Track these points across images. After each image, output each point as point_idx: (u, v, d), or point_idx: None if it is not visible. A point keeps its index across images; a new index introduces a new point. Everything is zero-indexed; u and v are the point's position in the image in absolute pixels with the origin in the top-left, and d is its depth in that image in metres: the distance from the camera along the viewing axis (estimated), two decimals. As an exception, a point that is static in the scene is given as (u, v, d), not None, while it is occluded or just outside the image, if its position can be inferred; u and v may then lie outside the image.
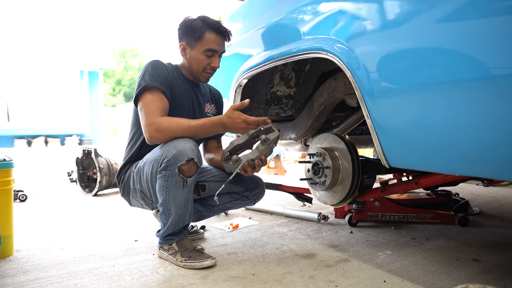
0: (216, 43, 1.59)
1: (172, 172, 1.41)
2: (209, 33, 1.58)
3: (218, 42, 1.59)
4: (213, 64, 1.61)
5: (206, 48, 1.58)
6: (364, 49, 1.21)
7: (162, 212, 1.50)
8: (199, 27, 1.57)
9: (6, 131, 12.79)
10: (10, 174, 1.64)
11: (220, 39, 1.60)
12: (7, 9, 12.94)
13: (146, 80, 1.51)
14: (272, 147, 1.47)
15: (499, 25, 0.87)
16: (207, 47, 1.58)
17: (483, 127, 0.92)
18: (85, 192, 3.35)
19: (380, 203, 2.09)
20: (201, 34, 1.57)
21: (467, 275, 1.39)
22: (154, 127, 1.44)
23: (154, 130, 1.44)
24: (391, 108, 1.16)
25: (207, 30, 1.57)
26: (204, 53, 1.59)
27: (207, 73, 1.64)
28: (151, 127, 1.44)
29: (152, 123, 1.44)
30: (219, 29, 1.59)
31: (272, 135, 1.44)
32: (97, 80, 14.80)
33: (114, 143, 14.46)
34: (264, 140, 1.44)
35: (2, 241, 1.59)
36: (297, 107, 2.10)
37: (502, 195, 3.02)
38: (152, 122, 1.44)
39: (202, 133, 1.49)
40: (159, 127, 1.43)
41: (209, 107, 1.79)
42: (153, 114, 1.45)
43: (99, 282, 1.35)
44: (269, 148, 1.46)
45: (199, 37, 1.57)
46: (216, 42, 1.59)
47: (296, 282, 1.33)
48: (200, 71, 1.63)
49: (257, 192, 1.74)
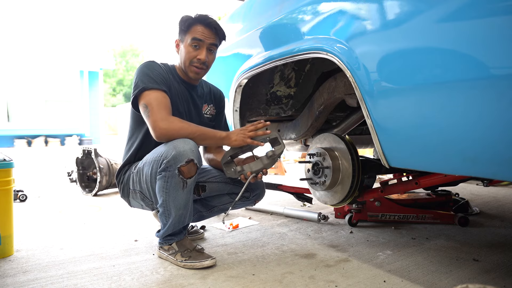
0: (202, 33, 1.58)
1: (171, 173, 1.41)
2: (195, 25, 1.58)
3: (204, 33, 1.58)
4: (199, 56, 1.58)
5: (191, 38, 1.58)
6: (364, 49, 1.21)
7: (162, 212, 1.49)
8: (187, 20, 1.59)
9: (6, 131, 12.80)
10: (10, 174, 1.64)
11: (207, 30, 1.59)
12: (7, 9, 12.94)
13: (144, 82, 1.50)
14: (276, 160, 1.49)
15: (498, 25, 0.87)
16: (192, 36, 1.57)
17: (482, 127, 0.92)
18: (85, 192, 3.35)
19: (380, 203, 2.09)
20: (188, 26, 1.58)
21: (467, 275, 1.39)
22: (167, 124, 1.44)
23: (167, 127, 1.44)
24: (391, 108, 1.16)
25: (194, 22, 1.58)
26: (190, 45, 1.58)
27: (193, 66, 1.60)
28: (163, 123, 1.44)
29: (164, 119, 1.44)
30: (205, 20, 1.58)
31: (278, 149, 1.47)
32: (97, 80, 14.80)
33: (114, 143, 14.45)
34: (270, 156, 1.46)
35: (2, 241, 1.59)
36: (297, 107, 2.10)
37: (502, 195, 3.01)
38: (164, 118, 1.44)
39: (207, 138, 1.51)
40: (171, 125, 1.44)
41: (206, 108, 1.78)
42: (163, 111, 1.46)
43: (99, 282, 1.35)
44: (273, 162, 1.48)
45: (186, 29, 1.59)
46: (202, 32, 1.58)
47: (296, 282, 1.33)
48: (188, 64, 1.60)
49: (257, 193, 1.73)
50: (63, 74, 13.79)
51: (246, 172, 1.48)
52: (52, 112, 13.79)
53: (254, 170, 1.47)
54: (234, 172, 1.51)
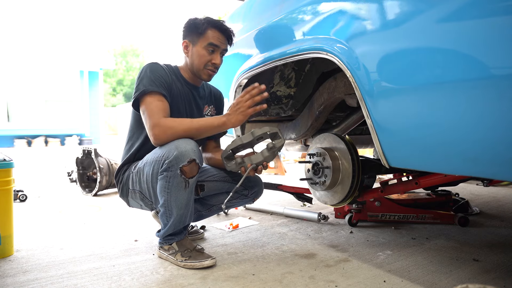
0: (217, 39, 1.60)
1: (174, 173, 1.41)
2: (211, 30, 1.59)
3: (219, 39, 1.60)
4: (214, 60, 1.61)
5: (207, 43, 1.59)
6: (364, 49, 1.21)
7: (163, 212, 1.49)
8: (201, 23, 1.59)
9: (6, 131, 12.79)
10: (10, 174, 1.64)
11: (222, 36, 1.61)
12: (7, 9, 12.94)
13: (145, 84, 1.51)
14: (276, 153, 1.49)
15: (498, 25, 0.87)
16: (208, 41, 1.59)
17: (483, 127, 0.92)
18: (85, 192, 3.35)
19: (380, 203, 2.09)
20: (204, 30, 1.59)
21: (467, 275, 1.39)
22: (159, 128, 1.45)
23: (159, 131, 1.45)
24: (391, 108, 1.16)
25: (209, 27, 1.59)
26: (205, 48, 1.59)
27: (207, 69, 1.63)
28: (155, 129, 1.45)
29: (156, 125, 1.45)
30: (221, 27, 1.61)
31: (278, 142, 1.47)
32: (97, 80, 14.79)
33: (114, 143, 14.45)
34: (270, 148, 1.47)
35: (2, 241, 1.59)
36: (297, 107, 2.10)
37: (502, 195, 3.01)
38: (156, 124, 1.45)
39: (205, 131, 1.50)
40: (163, 128, 1.45)
41: (207, 109, 1.79)
42: (156, 115, 1.47)
43: (99, 282, 1.35)
44: (273, 155, 1.48)
45: (201, 32, 1.59)
46: (218, 38, 1.60)
47: (296, 282, 1.33)
48: (202, 67, 1.62)
49: (255, 190, 1.74)
50: (63, 74, 13.77)
51: (246, 164, 1.49)
52: (52, 112, 13.77)
53: (255, 162, 1.48)
54: (235, 165, 1.51)
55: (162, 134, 1.45)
